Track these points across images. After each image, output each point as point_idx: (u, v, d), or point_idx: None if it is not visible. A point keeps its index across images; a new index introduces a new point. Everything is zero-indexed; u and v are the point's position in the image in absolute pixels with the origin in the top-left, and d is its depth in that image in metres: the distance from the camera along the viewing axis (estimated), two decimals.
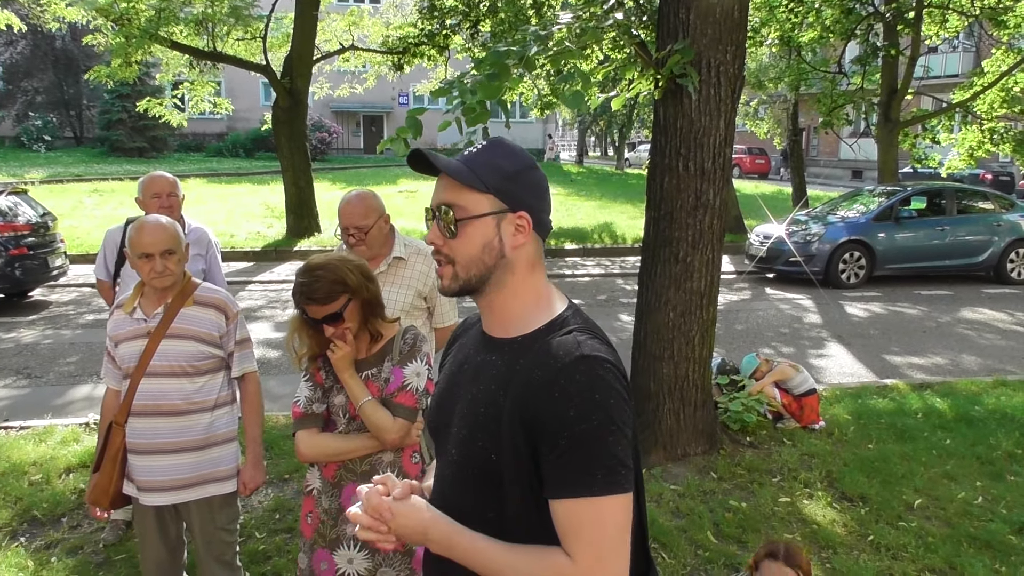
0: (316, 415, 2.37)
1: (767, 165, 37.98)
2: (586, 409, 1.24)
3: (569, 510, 1.24)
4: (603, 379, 1.27)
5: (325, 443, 2.36)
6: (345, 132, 39.95)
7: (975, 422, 5.55)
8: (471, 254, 1.36)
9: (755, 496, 4.43)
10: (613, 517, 1.24)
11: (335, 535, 2.37)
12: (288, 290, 10.88)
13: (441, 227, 1.38)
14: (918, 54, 14.38)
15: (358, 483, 2.34)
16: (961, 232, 12.00)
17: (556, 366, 1.28)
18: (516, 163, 1.39)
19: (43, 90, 34.12)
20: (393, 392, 2.32)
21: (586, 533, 1.23)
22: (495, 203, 1.36)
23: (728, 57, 4.43)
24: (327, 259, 2.29)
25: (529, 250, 1.40)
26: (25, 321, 8.77)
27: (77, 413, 5.80)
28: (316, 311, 2.25)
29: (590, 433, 1.24)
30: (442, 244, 1.38)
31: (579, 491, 1.23)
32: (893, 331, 8.88)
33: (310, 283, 2.23)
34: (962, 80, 19.29)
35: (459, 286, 1.39)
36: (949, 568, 3.69)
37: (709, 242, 4.70)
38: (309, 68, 14.28)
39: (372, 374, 2.36)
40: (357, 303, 2.29)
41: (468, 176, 1.34)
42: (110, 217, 16.29)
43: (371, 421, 2.28)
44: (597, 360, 1.28)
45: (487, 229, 1.36)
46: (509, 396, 1.32)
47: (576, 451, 1.24)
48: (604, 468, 1.23)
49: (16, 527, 4.02)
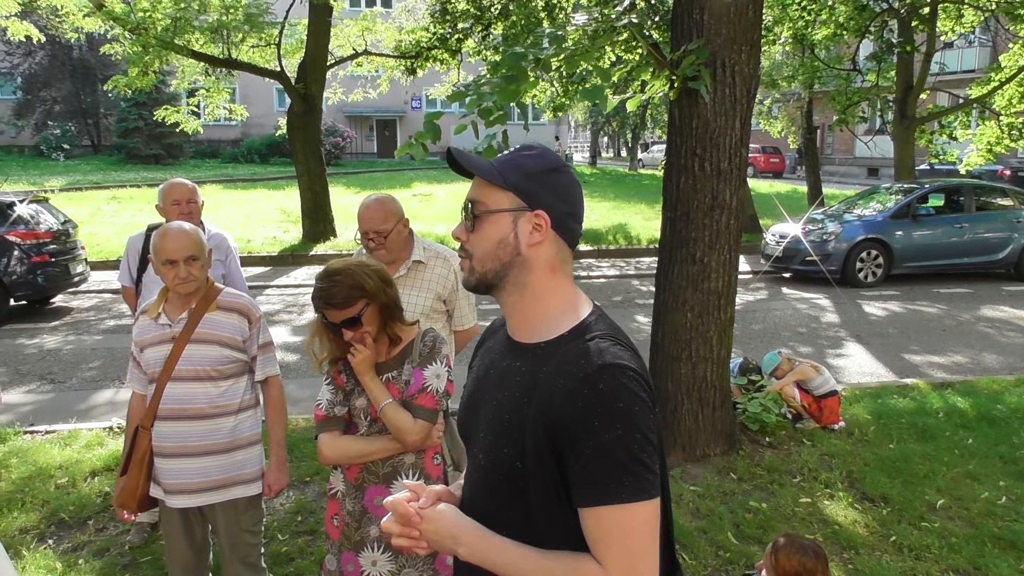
0: (338, 418, 2.40)
1: (781, 164, 37.81)
2: (610, 418, 1.25)
3: (598, 518, 1.25)
4: (626, 387, 1.27)
5: (347, 445, 2.38)
6: (358, 136, 40.14)
7: (997, 421, 5.50)
8: (486, 248, 1.39)
9: (775, 497, 4.42)
10: (642, 523, 1.25)
11: (359, 537, 2.40)
12: (306, 294, 10.97)
13: (464, 217, 1.42)
14: (934, 50, 14.27)
15: (381, 485, 2.37)
16: (980, 229, 11.89)
17: (579, 375, 1.28)
18: (541, 163, 1.41)
19: (61, 99, 34.57)
20: (413, 394, 2.34)
21: (616, 540, 1.24)
22: (514, 200, 1.38)
23: (743, 57, 4.42)
24: (345, 264, 2.31)
25: (548, 251, 1.40)
26: (48, 327, 8.88)
27: (100, 417, 5.88)
28: (335, 315, 2.28)
29: (615, 441, 1.24)
30: (465, 239, 1.42)
31: (607, 499, 1.24)
32: (912, 330, 8.82)
33: (328, 288, 2.25)
34: (979, 76, 19.14)
35: (475, 280, 1.42)
36: (973, 568, 3.66)
37: (726, 242, 4.69)
38: (323, 74, 14.37)
39: (392, 376, 2.39)
40: (375, 307, 2.31)
41: (490, 172, 1.38)
42: (129, 224, 16.48)
43: (392, 423, 2.31)
44: (620, 368, 1.28)
45: (503, 225, 1.38)
46: (533, 404, 1.33)
47: (602, 460, 1.25)
48: (631, 475, 1.24)
49: (44, 529, 4.08)
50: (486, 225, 1.39)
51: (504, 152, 1.45)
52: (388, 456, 2.39)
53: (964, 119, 15.53)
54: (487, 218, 1.38)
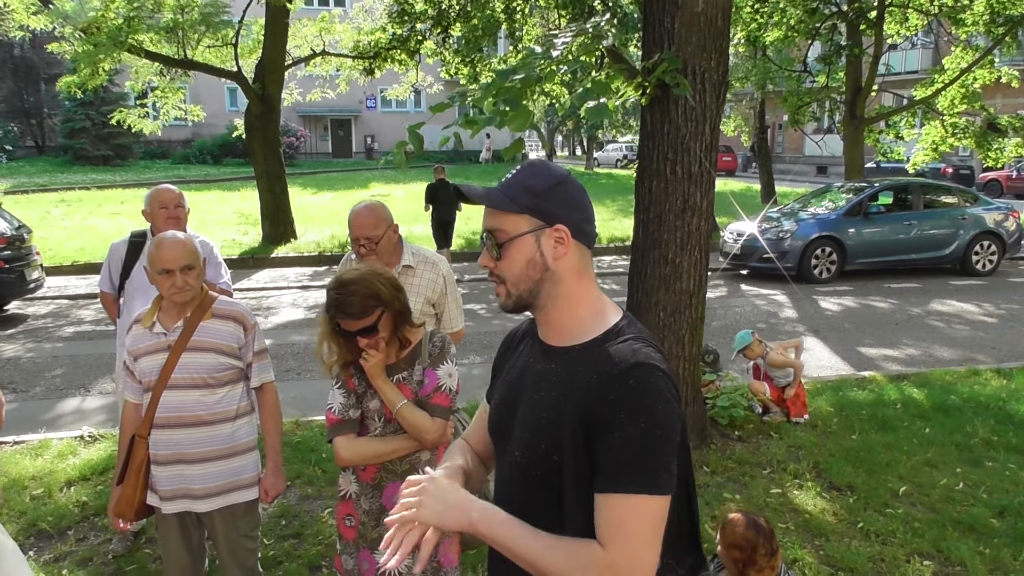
0: (352, 420, 2.46)
1: (734, 163, 38.58)
2: (635, 412, 1.34)
3: (609, 504, 1.34)
4: (654, 385, 1.36)
5: (364, 447, 2.45)
6: (313, 136, 39.75)
7: (952, 411, 5.76)
8: (516, 272, 1.48)
9: (747, 488, 4.58)
10: (649, 516, 1.33)
11: (376, 535, 2.47)
12: (268, 297, 10.90)
13: (489, 251, 1.50)
14: (881, 52, 14.75)
15: (399, 482, 2.43)
16: (927, 226, 12.35)
17: (612, 372, 1.38)
18: (546, 180, 1.49)
19: (2, 99, 33.54)
20: (429, 394, 2.42)
21: (622, 527, 1.32)
22: (531, 221, 1.46)
23: (712, 64, 4.57)
24: (359, 274, 2.36)
25: (573, 260, 1.49)
26: (4, 335, 8.67)
27: (70, 426, 5.79)
28: (351, 325, 2.33)
29: (637, 435, 1.33)
30: (493, 266, 1.50)
31: (621, 487, 1.33)
32: (866, 324, 9.14)
33: (345, 298, 2.30)
34: (922, 76, 19.81)
35: (513, 302, 1.50)
36: (936, 551, 3.86)
37: (697, 243, 4.84)
38: (281, 74, 14.26)
39: (404, 377, 2.46)
40: (390, 314, 2.37)
41: (503, 201, 1.46)
42: (80, 228, 16.11)
43: (410, 423, 2.38)
44: (651, 367, 1.38)
45: (527, 247, 1.46)
46: (569, 401, 1.41)
47: (623, 451, 1.33)
48: (647, 469, 1.33)
49: (23, 541, 4.02)
50: (511, 251, 1.47)
51: (507, 177, 1.52)
52: (405, 455, 2.47)
53: (910, 119, 16.09)
54: (511, 244, 1.47)
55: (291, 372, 7.09)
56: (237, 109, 31.88)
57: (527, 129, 3.43)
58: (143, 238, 3.90)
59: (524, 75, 3.31)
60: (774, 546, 2.71)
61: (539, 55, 3.63)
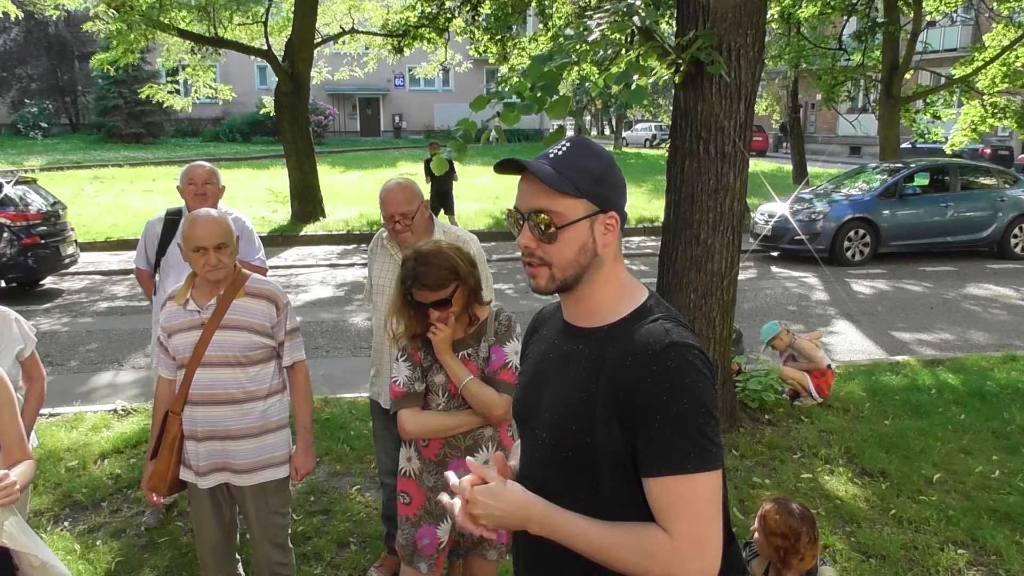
0: (417, 393, 2.48)
1: (764, 143, 37.96)
2: (678, 393, 1.32)
3: (665, 487, 1.32)
4: (692, 364, 1.34)
5: (429, 420, 2.48)
6: (341, 115, 39.81)
7: (988, 397, 5.65)
8: (568, 257, 1.42)
9: (777, 473, 4.53)
10: (707, 492, 1.31)
11: (440, 510, 2.51)
12: (297, 275, 10.97)
13: (537, 232, 1.42)
14: (919, 29, 14.38)
15: (463, 458, 2.46)
16: (964, 208, 12.07)
17: (648, 353, 1.35)
18: (602, 164, 1.44)
19: (37, 77, 34.00)
20: (496, 370, 2.45)
21: (683, 509, 1.30)
22: (588, 206, 1.41)
23: (748, 40, 4.47)
24: (438, 247, 2.39)
25: (614, 244, 1.47)
26: (40, 309, 8.82)
27: (103, 400, 5.89)
28: (426, 296, 2.35)
29: (682, 415, 1.31)
30: (536, 247, 1.43)
31: (674, 469, 1.31)
32: (900, 308, 8.98)
33: (424, 270, 2.33)
34: (961, 54, 19.32)
35: (555, 286, 1.45)
36: (971, 540, 3.79)
37: (729, 224, 4.77)
38: (310, 52, 14.25)
39: (469, 353, 2.48)
40: (464, 289, 2.40)
41: (562, 182, 1.39)
42: (113, 204, 16.33)
43: (477, 399, 2.40)
44: (686, 347, 1.36)
45: (582, 232, 1.42)
46: (602, 382, 1.39)
47: (670, 432, 1.31)
48: (697, 447, 1.31)
49: (58, 512, 4.11)
50: (566, 236, 1.41)
51: (557, 155, 1.43)
52: (469, 430, 2.49)
53: (948, 98, 15.69)
54: (566, 229, 1.41)
55: (320, 350, 7.14)
56: (266, 87, 32.00)
57: (566, 116, 3.37)
58: (178, 215, 3.94)
59: (561, 60, 3.26)
60: (815, 533, 2.68)
61: (574, 38, 3.57)
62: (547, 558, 1.48)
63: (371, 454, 4.51)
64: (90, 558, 3.67)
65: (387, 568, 3.53)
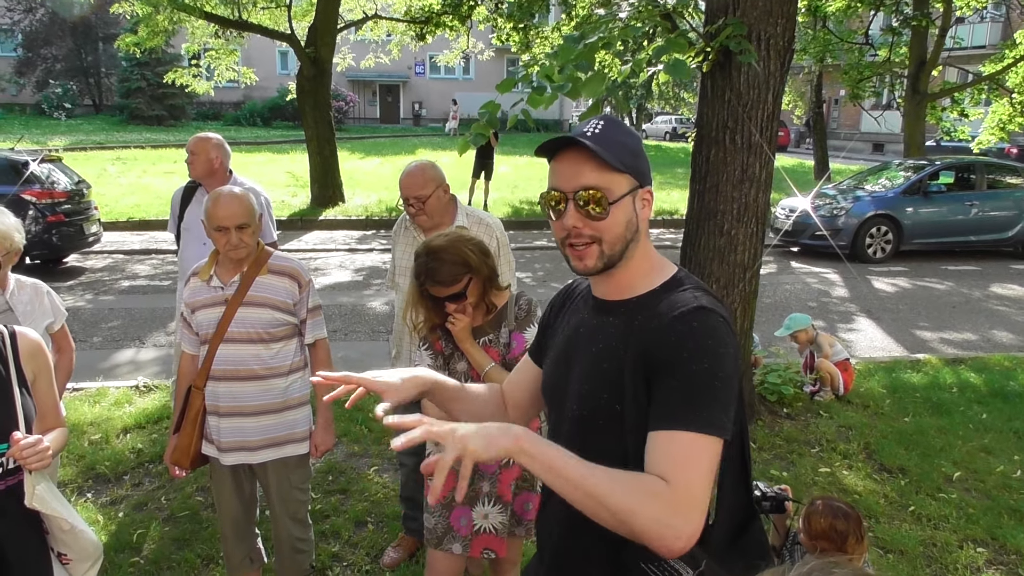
0: None
1: (786, 137, 37.61)
2: (698, 353, 1.32)
3: (669, 439, 1.29)
4: (717, 330, 1.35)
5: None
6: (361, 101, 39.84)
7: (1010, 397, 5.59)
8: (618, 232, 1.42)
9: (795, 466, 4.51)
10: (708, 456, 1.29)
11: (472, 492, 2.53)
12: (316, 259, 11.01)
13: (587, 210, 1.40)
14: (949, 25, 14.17)
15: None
16: (989, 207, 11.90)
17: (674, 314, 1.36)
18: (635, 140, 1.47)
19: (62, 57, 34.21)
20: (517, 356, 2.45)
21: (681, 462, 1.27)
22: (631, 181, 1.43)
23: (778, 30, 4.42)
24: (448, 240, 2.39)
25: (647, 219, 1.49)
26: (64, 287, 8.91)
27: (125, 376, 5.96)
28: (439, 291, 2.37)
29: (698, 375, 1.30)
30: (583, 226, 1.41)
31: (681, 425, 1.28)
32: (921, 306, 8.89)
33: (435, 266, 2.34)
34: (990, 51, 19.01)
35: (604, 263, 1.44)
36: (991, 538, 3.76)
37: (753, 215, 4.73)
38: (333, 37, 14.25)
39: (490, 340, 2.49)
40: (478, 280, 2.40)
41: (613, 158, 1.39)
42: (135, 185, 16.44)
43: None
44: (714, 312, 1.36)
45: (627, 208, 1.43)
46: (630, 348, 1.39)
47: (683, 390, 1.30)
48: (706, 409, 1.29)
49: (82, 483, 4.17)
50: (616, 211, 1.41)
51: (596, 132, 1.42)
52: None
53: (976, 96, 15.46)
54: (617, 204, 1.41)
55: (338, 332, 7.16)
56: (288, 72, 32.06)
57: (603, 92, 3.35)
58: (196, 184, 4.12)
59: (595, 38, 3.24)
60: (862, 532, 2.67)
61: (605, 17, 3.54)
62: (576, 541, 1.47)
63: (388, 436, 4.53)
64: (111, 529, 3.72)
65: (404, 548, 3.55)
